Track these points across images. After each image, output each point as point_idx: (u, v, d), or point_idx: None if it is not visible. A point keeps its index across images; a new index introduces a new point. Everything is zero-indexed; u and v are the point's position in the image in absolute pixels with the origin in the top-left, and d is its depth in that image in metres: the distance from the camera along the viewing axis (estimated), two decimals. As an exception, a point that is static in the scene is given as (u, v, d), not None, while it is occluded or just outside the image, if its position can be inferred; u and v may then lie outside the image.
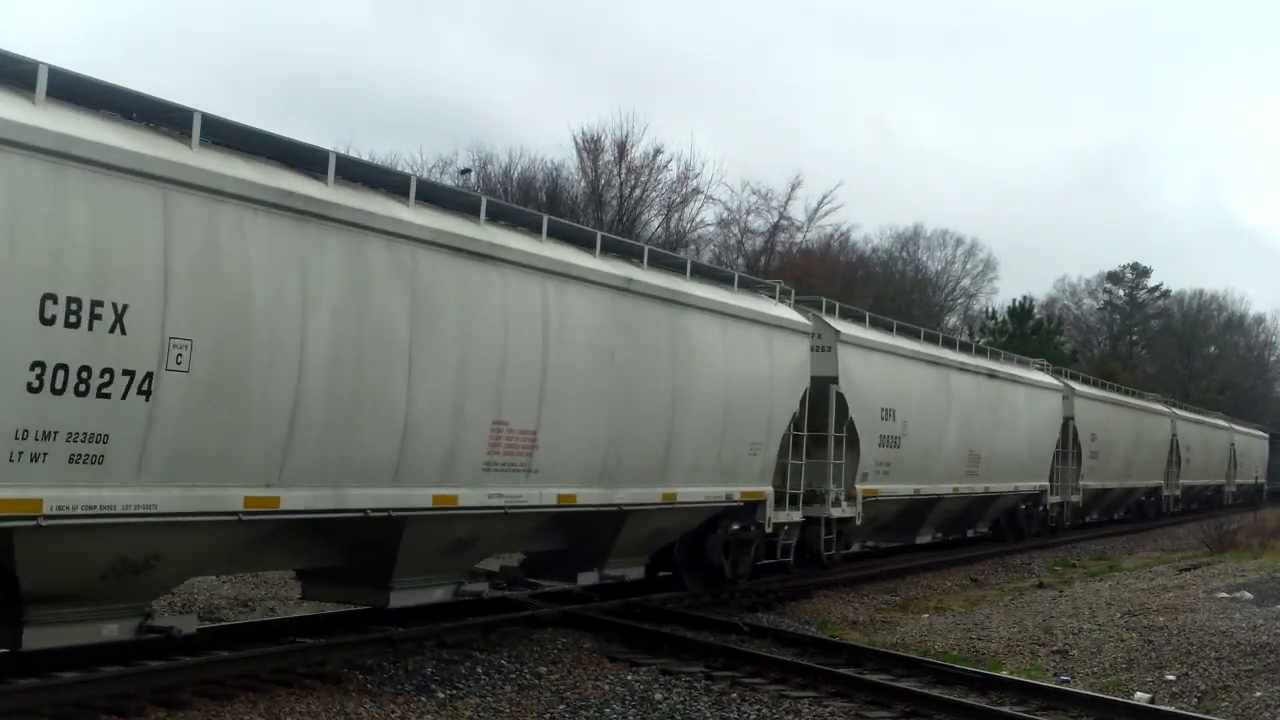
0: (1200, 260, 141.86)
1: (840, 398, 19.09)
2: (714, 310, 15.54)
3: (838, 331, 19.18)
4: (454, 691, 11.02)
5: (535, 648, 12.85)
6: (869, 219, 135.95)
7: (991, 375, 25.75)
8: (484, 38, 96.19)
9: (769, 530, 17.16)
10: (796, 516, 17.92)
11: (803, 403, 17.66)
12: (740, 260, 53.14)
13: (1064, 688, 12.21)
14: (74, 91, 8.76)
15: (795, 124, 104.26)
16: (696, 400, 14.99)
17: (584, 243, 13.73)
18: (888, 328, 22.20)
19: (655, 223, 51.34)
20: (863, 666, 13.05)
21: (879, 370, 20.52)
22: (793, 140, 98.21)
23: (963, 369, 24.39)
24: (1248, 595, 17.85)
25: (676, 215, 52.34)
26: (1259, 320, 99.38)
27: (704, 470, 15.32)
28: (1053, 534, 30.68)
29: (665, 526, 15.46)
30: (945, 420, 23.16)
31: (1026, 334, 61.71)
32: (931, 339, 24.21)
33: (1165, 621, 15.67)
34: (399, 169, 20.70)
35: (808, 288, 28.53)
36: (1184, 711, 11.20)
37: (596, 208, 48.22)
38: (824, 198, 58.18)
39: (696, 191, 52.05)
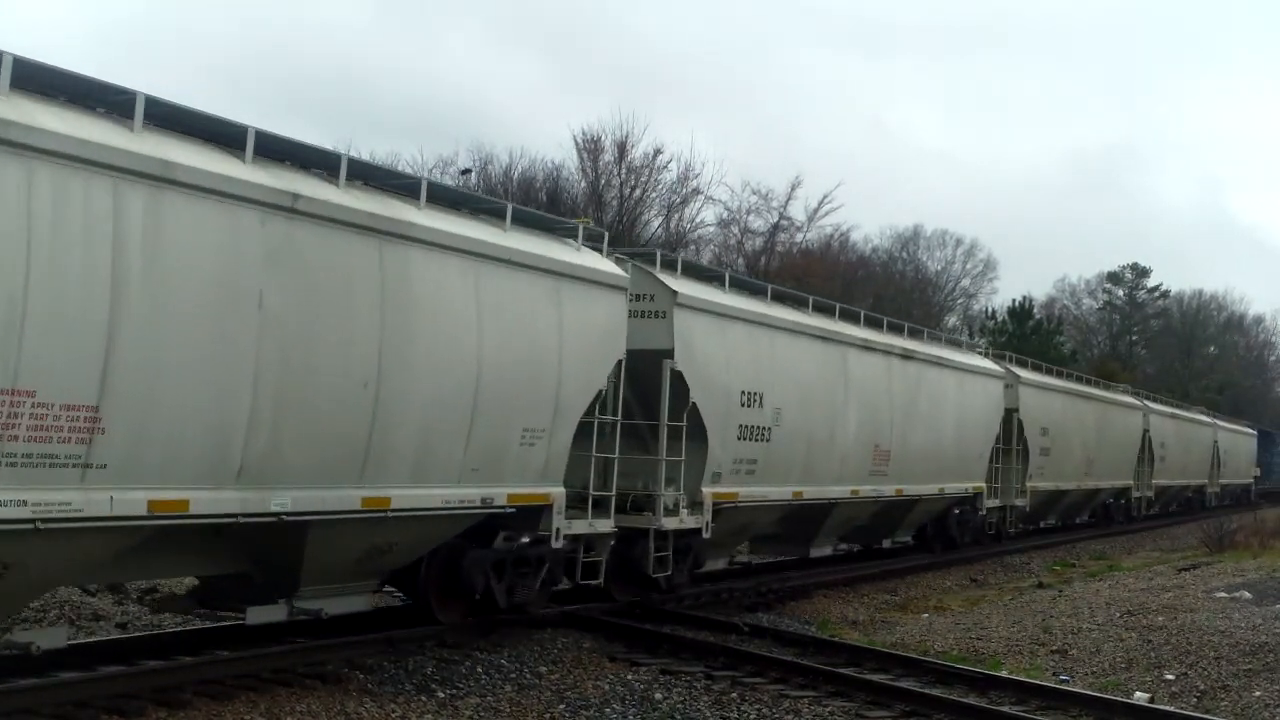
0: (1200, 260, 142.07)
1: (677, 376, 14.96)
2: (460, 250, 11.62)
3: (674, 292, 14.98)
4: (454, 691, 11.04)
5: (535, 647, 12.86)
6: (869, 219, 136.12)
7: (907, 356, 21.52)
8: (484, 38, 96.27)
9: (558, 544, 13.17)
10: (604, 526, 13.90)
11: (619, 380, 14.09)
12: (740, 260, 53.19)
13: (1063, 687, 12.22)
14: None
15: (795, 124, 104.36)
16: (424, 370, 11.16)
17: (208, 136, 9.72)
18: (759, 292, 17.78)
19: (655, 223, 51.38)
20: (862, 666, 13.07)
21: (739, 344, 16.25)
22: (792, 141, 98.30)
23: (867, 347, 20.02)
24: (1247, 595, 17.86)
25: (676, 215, 52.35)
26: (1259, 320, 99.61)
27: (442, 465, 11.54)
28: (996, 542, 26.75)
29: (385, 543, 11.38)
30: (840, 409, 18.97)
31: (1026, 334, 61.70)
32: (825, 309, 19.49)
33: (1164, 621, 15.68)
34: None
35: (808, 288, 28.40)
36: (1183, 711, 11.21)
37: (597, 208, 48.20)
38: (824, 198, 58.19)
39: (696, 192, 52.06)
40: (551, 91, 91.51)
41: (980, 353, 27.71)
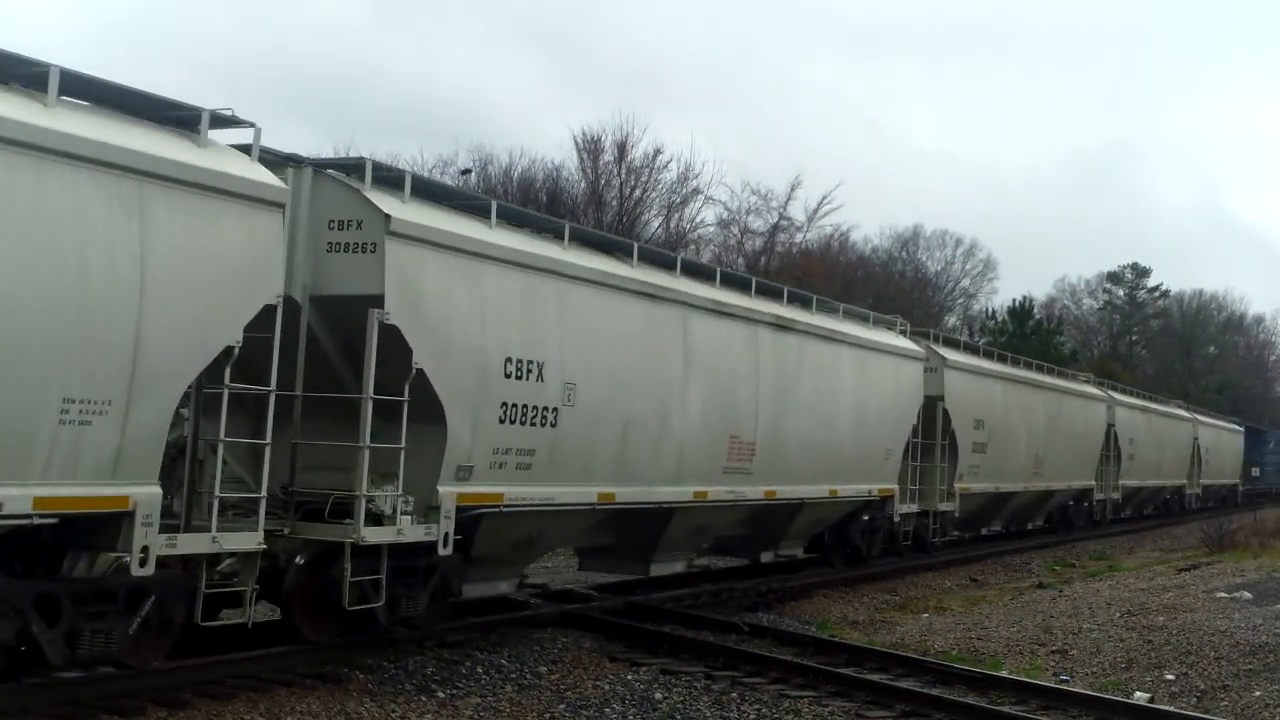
0: (1200, 260, 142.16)
1: (391, 332, 11.09)
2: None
3: (387, 218, 10.97)
4: (454, 691, 11.04)
5: (535, 647, 12.87)
6: (868, 219, 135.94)
7: (782, 326, 17.33)
8: (483, 39, 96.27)
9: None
10: (241, 543, 10.08)
11: (278, 333, 10.53)
12: (740, 260, 53.19)
13: (1063, 687, 12.22)
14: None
15: (794, 125, 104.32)
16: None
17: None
18: (550, 230, 13.76)
19: (655, 223, 51.39)
20: (862, 666, 13.07)
21: (507, 296, 12.42)
22: (792, 141, 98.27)
23: (719, 311, 15.77)
24: (1247, 595, 17.87)
25: (676, 216, 52.38)
26: (1259, 320, 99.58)
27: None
28: (920, 554, 23.22)
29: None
30: (676, 388, 14.86)
31: (1026, 334, 61.74)
32: (660, 261, 15.44)
33: (1164, 621, 15.69)
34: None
35: (807, 288, 28.30)
36: (1183, 711, 11.22)
37: (596, 208, 48.23)
38: (824, 198, 58.24)
39: (696, 192, 52.10)
40: (551, 92, 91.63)
41: (899, 330, 22.54)
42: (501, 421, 12.03)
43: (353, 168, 11.55)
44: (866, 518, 21.13)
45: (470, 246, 11.85)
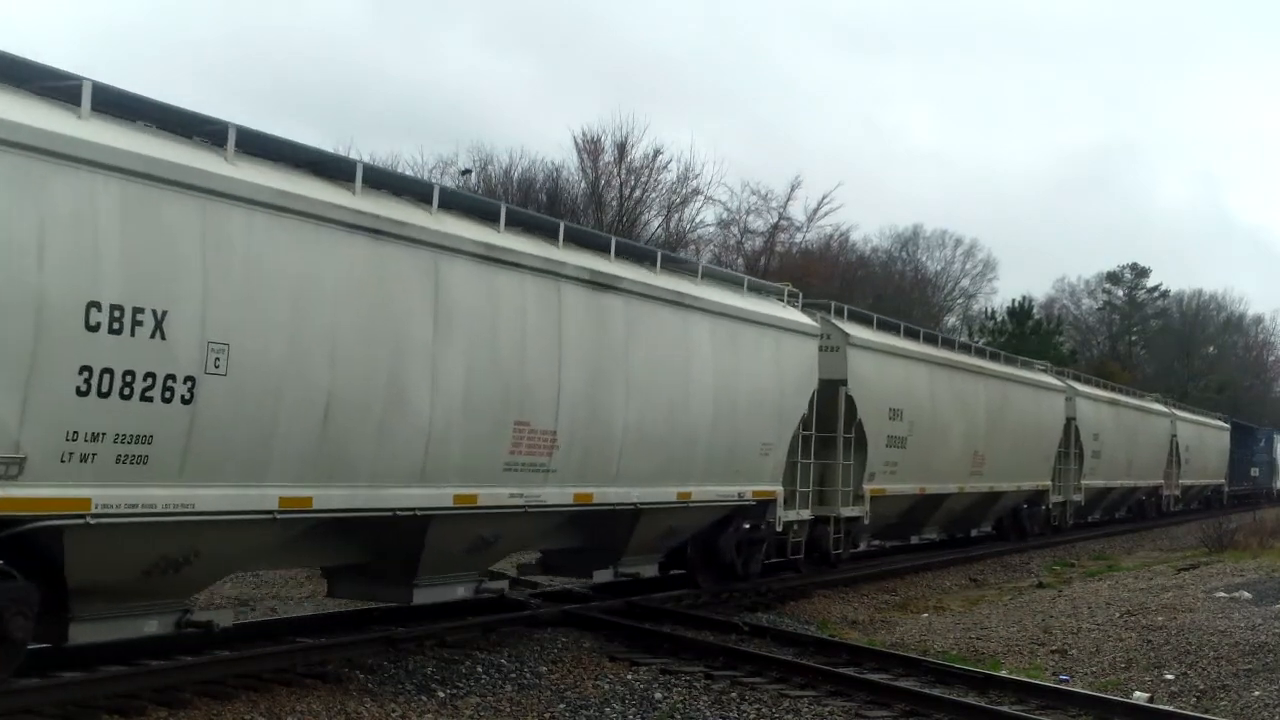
0: (1199, 260, 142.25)
1: None
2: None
3: None
4: (454, 691, 11.05)
5: (535, 647, 12.88)
6: (868, 219, 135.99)
7: (601, 285, 13.49)
8: (482, 39, 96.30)
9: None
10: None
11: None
12: (740, 260, 53.17)
13: (1063, 687, 12.23)
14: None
15: (793, 126, 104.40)
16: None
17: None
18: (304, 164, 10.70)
19: (655, 223, 51.39)
20: (862, 666, 13.07)
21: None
22: (791, 142, 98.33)
23: (495, 259, 11.99)
24: (1246, 595, 17.89)
25: (676, 216, 52.36)
26: (1258, 320, 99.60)
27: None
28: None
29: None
30: (427, 360, 11.32)
31: (1026, 334, 61.83)
32: (401, 187, 11.90)
33: (1164, 621, 15.71)
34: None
35: (807, 288, 28.28)
36: (1183, 711, 11.22)
37: (597, 209, 48.23)
38: (823, 198, 58.16)
39: (696, 192, 52.06)
40: (550, 92, 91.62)
41: (786, 299, 18.31)
42: (82, 393, 8.44)
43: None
44: (746, 526, 17.11)
45: (32, 139, 8.16)
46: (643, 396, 14.00)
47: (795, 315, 18.24)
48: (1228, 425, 53.17)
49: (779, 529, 17.64)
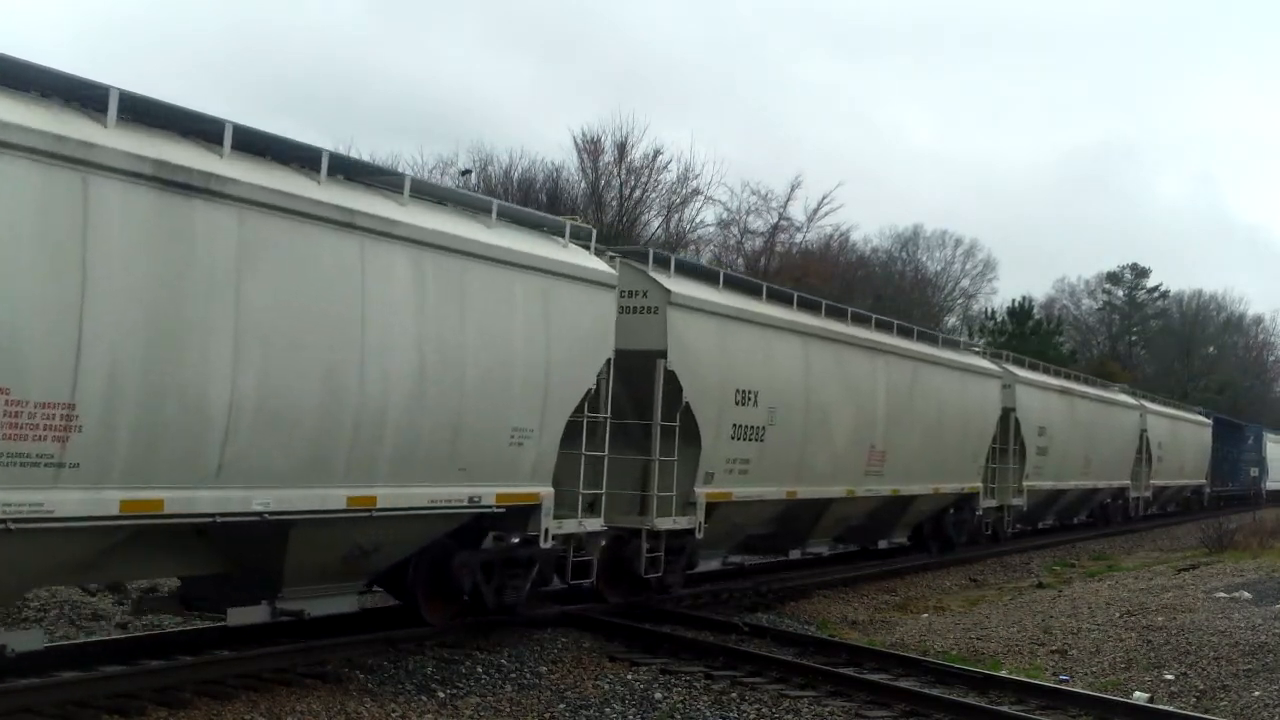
0: (1199, 260, 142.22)
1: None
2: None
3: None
4: (454, 691, 11.05)
5: (535, 647, 12.87)
6: (868, 219, 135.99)
7: (184, 189, 9.17)
8: (482, 39, 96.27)
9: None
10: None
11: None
12: (740, 261, 53.17)
13: (1063, 687, 12.24)
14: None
15: (793, 126, 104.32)
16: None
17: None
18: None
19: (655, 223, 51.39)
20: (862, 666, 13.08)
21: None
22: (791, 142, 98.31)
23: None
24: (1246, 595, 17.90)
25: (676, 216, 52.37)
26: (1258, 320, 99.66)
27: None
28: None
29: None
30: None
31: (1026, 334, 61.84)
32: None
33: (1164, 621, 15.72)
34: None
35: (807, 288, 28.16)
36: (1183, 711, 11.23)
37: (597, 209, 48.22)
38: (823, 198, 58.12)
39: (696, 192, 52.06)
40: (550, 93, 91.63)
41: (571, 239, 13.58)
42: None
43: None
44: (515, 541, 13.06)
45: None
46: (271, 356, 9.86)
47: (580, 259, 13.47)
48: (1209, 421, 48.87)
49: (546, 544, 12.86)
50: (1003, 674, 12.76)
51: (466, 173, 47.44)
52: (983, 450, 24.75)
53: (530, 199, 45.02)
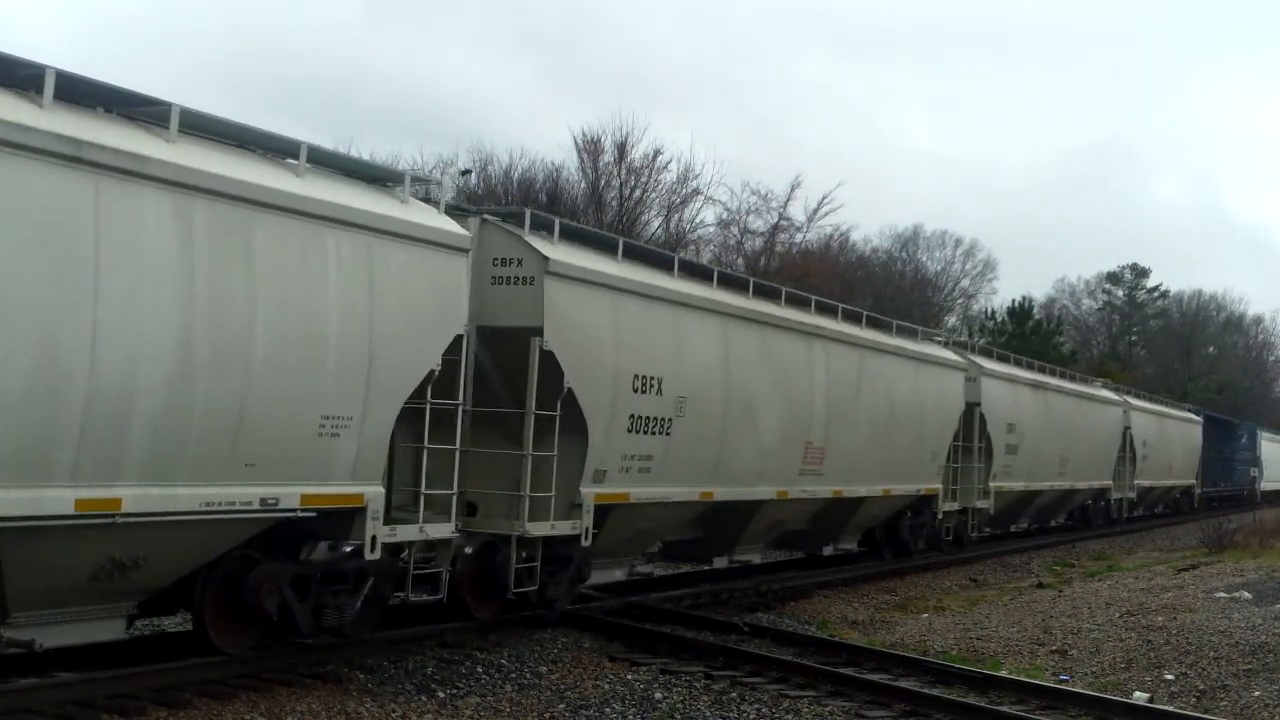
0: (1199, 260, 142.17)
1: None
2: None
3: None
4: (454, 691, 11.05)
5: (535, 647, 12.87)
6: (868, 219, 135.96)
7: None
8: (481, 39, 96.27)
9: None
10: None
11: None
12: (740, 260, 53.19)
13: (1063, 687, 12.24)
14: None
15: (793, 127, 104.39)
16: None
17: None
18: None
19: (655, 223, 51.39)
20: (862, 666, 13.07)
21: None
22: (791, 143, 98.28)
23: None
24: (1246, 595, 17.90)
25: (676, 216, 52.36)
26: (1258, 320, 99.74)
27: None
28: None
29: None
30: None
31: (1026, 334, 61.84)
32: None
33: (1164, 621, 15.72)
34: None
35: (807, 288, 28.11)
36: (1183, 711, 11.23)
37: (597, 209, 48.22)
38: (823, 198, 58.11)
39: (696, 192, 52.04)
40: (550, 93, 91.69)
41: (412, 192, 11.82)
42: None
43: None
44: (332, 551, 11.10)
45: None
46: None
47: (421, 216, 11.42)
48: (1199, 418, 46.68)
49: (373, 554, 10.91)
50: (1003, 674, 12.76)
51: (466, 173, 47.46)
52: (943, 448, 22.67)
53: (530, 199, 45.00)
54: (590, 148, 49.88)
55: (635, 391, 13.89)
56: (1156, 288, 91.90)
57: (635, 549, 16.06)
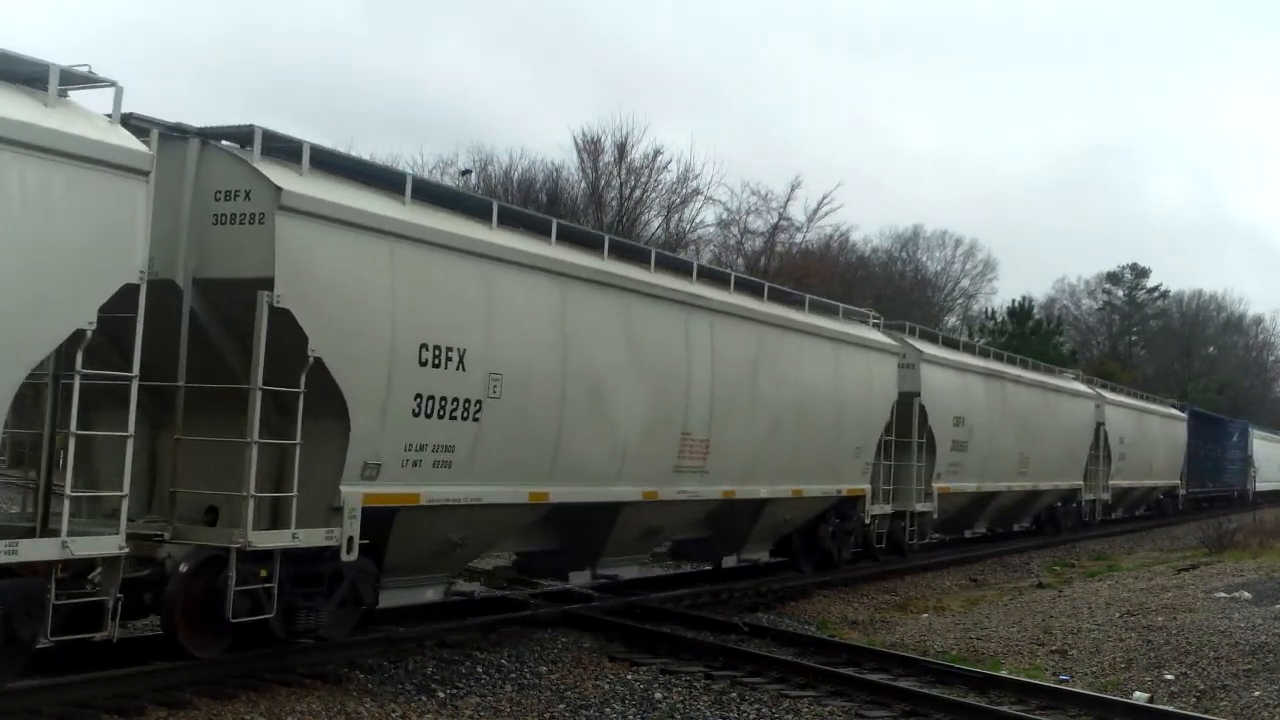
0: (1199, 260, 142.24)
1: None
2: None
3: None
4: (454, 691, 11.05)
5: (535, 647, 12.87)
6: (868, 219, 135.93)
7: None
8: (481, 40, 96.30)
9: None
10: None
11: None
12: (740, 261, 53.18)
13: (1063, 687, 12.23)
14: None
15: (793, 127, 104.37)
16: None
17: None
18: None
19: (655, 223, 51.37)
20: (862, 666, 13.07)
21: None
22: (791, 143, 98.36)
23: None
24: (1246, 595, 17.89)
25: (676, 216, 52.35)
26: (1258, 320, 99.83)
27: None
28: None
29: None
30: None
31: (1026, 334, 61.85)
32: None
33: (1164, 621, 15.71)
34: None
35: (807, 288, 28.08)
36: (1183, 711, 11.23)
37: (597, 209, 48.21)
38: (823, 198, 58.08)
39: (696, 192, 52.02)
40: (550, 94, 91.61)
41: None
42: None
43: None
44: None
45: None
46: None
47: (72, 125, 8.60)
48: (1184, 415, 43.88)
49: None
50: (1003, 674, 12.76)
51: (466, 173, 47.44)
52: (870, 444, 19.90)
53: (531, 199, 45.01)
54: (590, 148, 49.89)
55: (423, 365, 11.08)
56: (1156, 288, 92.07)
57: (454, 565, 13.04)
